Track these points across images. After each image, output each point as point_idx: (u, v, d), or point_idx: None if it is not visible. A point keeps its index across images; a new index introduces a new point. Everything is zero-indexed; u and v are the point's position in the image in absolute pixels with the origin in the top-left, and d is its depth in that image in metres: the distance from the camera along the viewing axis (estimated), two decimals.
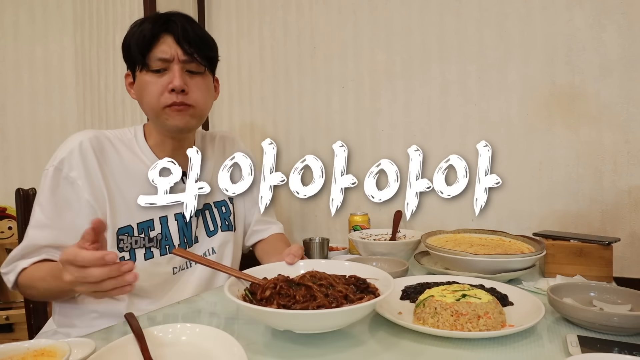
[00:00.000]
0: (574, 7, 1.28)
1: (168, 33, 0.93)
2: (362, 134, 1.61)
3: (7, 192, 1.45)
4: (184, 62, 0.94)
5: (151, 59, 0.92)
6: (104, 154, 0.95)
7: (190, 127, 1.00)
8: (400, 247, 1.22)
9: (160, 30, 0.92)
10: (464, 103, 1.44)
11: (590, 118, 1.28)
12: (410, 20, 1.51)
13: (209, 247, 1.10)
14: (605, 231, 1.26)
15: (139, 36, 0.92)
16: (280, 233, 1.27)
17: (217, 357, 0.58)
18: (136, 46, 0.92)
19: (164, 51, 0.92)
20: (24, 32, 2.04)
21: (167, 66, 0.93)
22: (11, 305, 1.83)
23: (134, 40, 0.93)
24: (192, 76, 0.96)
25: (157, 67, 0.92)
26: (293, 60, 1.73)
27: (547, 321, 0.73)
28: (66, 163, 0.90)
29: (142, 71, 0.94)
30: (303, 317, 0.62)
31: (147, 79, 0.94)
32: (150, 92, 0.94)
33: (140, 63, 0.93)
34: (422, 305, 0.72)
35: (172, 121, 0.95)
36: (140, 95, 0.97)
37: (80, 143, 0.91)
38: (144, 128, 1.05)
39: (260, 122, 1.82)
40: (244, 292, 0.73)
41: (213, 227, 1.11)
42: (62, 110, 2.08)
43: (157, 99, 0.94)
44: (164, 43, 0.92)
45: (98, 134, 0.96)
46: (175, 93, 0.93)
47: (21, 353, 0.56)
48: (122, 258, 0.95)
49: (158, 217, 1.01)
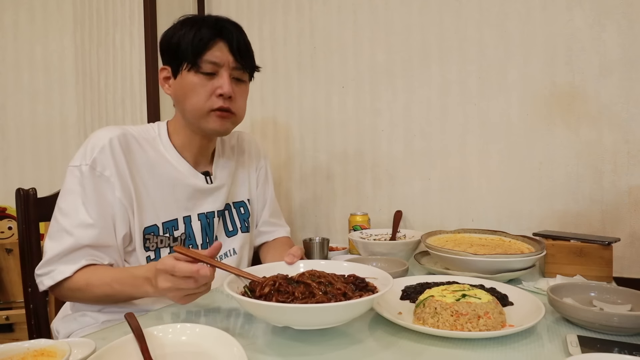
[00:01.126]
0: (574, 7, 1.28)
1: (223, 39, 0.95)
2: (362, 133, 1.61)
3: (7, 192, 1.45)
4: (233, 69, 0.96)
5: (203, 61, 0.93)
6: (130, 152, 0.93)
7: (228, 132, 1.02)
8: (400, 247, 1.22)
9: (216, 35, 0.94)
10: (464, 103, 1.44)
11: (590, 118, 1.28)
12: (410, 20, 1.51)
13: (230, 248, 1.10)
14: (605, 231, 1.26)
15: (195, 37, 0.93)
16: (286, 237, 1.27)
17: (217, 357, 0.58)
18: (189, 45, 0.92)
19: (217, 56, 0.94)
20: (24, 32, 2.04)
21: (217, 70, 0.94)
22: (11, 305, 1.84)
23: (186, 39, 0.93)
24: (238, 84, 0.99)
25: (208, 70, 0.93)
26: (293, 60, 1.73)
27: (547, 321, 0.74)
28: (99, 162, 0.89)
29: (190, 71, 0.94)
30: (303, 312, 0.62)
31: (194, 80, 0.94)
32: (197, 93, 0.94)
33: (191, 63, 0.93)
34: (422, 305, 0.72)
35: (213, 125, 0.96)
36: (183, 93, 0.96)
37: (110, 140, 0.90)
38: (168, 126, 1.03)
39: (260, 122, 1.82)
40: (243, 289, 0.74)
41: (232, 228, 1.12)
42: (62, 110, 2.08)
43: (204, 101, 0.94)
44: (218, 49, 0.94)
45: (124, 131, 0.94)
46: (223, 98, 0.94)
47: (21, 353, 0.55)
48: (148, 257, 0.96)
49: (182, 217, 1.01)
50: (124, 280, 0.83)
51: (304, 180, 1.74)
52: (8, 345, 0.56)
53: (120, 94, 1.88)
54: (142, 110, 1.77)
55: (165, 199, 0.97)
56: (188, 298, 0.74)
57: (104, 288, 0.85)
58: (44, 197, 1.09)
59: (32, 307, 1.08)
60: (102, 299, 0.88)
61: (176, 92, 0.98)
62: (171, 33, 0.97)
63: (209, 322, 0.76)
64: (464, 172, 1.45)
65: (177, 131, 1.02)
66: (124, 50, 1.84)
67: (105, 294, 0.85)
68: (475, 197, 1.44)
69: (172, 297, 0.74)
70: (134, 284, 0.81)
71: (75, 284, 0.86)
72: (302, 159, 1.73)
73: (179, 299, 0.74)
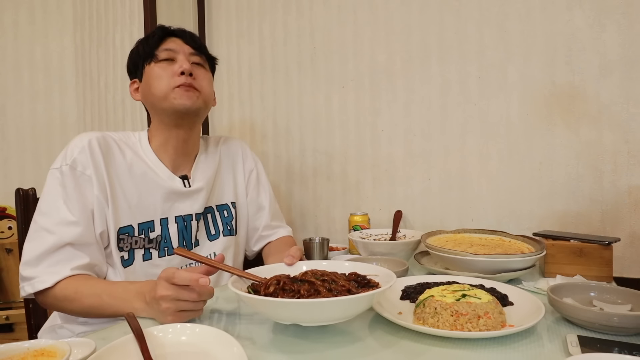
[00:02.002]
0: (574, 7, 1.28)
1: (175, 36, 1.04)
2: (362, 133, 1.61)
3: (7, 192, 1.45)
4: (190, 55, 1.02)
5: (160, 50, 1.00)
6: (109, 153, 0.96)
7: (197, 107, 1.01)
8: (400, 247, 1.22)
9: (167, 34, 1.03)
10: (464, 103, 1.44)
11: (590, 118, 1.28)
12: (410, 19, 1.51)
13: (211, 252, 1.10)
14: (605, 231, 1.26)
15: (148, 39, 1.02)
16: (287, 236, 1.27)
17: (217, 357, 0.58)
18: (144, 46, 1.01)
19: (172, 46, 1.02)
20: (24, 32, 2.04)
21: (175, 57, 1.01)
22: (11, 305, 1.84)
23: (142, 44, 1.03)
24: (198, 67, 1.04)
25: (165, 56, 1.00)
26: (293, 60, 1.73)
27: (547, 321, 0.73)
28: (79, 162, 0.91)
29: (150, 64, 1.00)
30: (312, 307, 0.62)
31: (155, 69, 1.00)
32: (160, 77, 0.99)
33: (149, 56, 1.00)
34: (422, 305, 0.72)
35: (180, 100, 0.98)
36: (148, 86, 1.01)
37: (89, 142, 0.93)
38: (148, 133, 1.06)
39: (260, 122, 1.82)
40: (246, 289, 0.74)
41: (214, 231, 1.12)
42: (62, 110, 2.08)
43: (167, 83, 0.99)
44: (172, 41, 1.03)
45: (104, 135, 0.98)
46: (185, 77, 0.99)
47: (21, 353, 0.55)
48: (122, 258, 0.95)
49: (159, 219, 1.01)
50: (115, 293, 0.82)
51: (304, 180, 1.74)
52: (8, 345, 0.56)
53: (120, 94, 1.88)
54: (142, 111, 1.77)
55: (142, 200, 0.98)
56: (181, 314, 0.72)
57: (92, 299, 0.83)
58: None
59: (32, 307, 1.08)
60: (87, 310, 0.85)
61: (144, 89, 1.03)
62: (132, 51, 1.06)
63: (209, 322, 0.76)
64: (464, 172, 1.45)
65: (155, 134, 1.04)
66: (124, 50, 1.84)
67: (92, 305, 0.83)
68: (475, 197, 1.44)
69: (166, 309, 0.71)
70: (125, 297, 0.80)
71: (62, 292, 0.84)
72: (302, 158, 1.73)
73: (172, 312, 0.71)
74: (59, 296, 0.85)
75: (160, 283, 0.73)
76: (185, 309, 0.72)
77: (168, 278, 0.72)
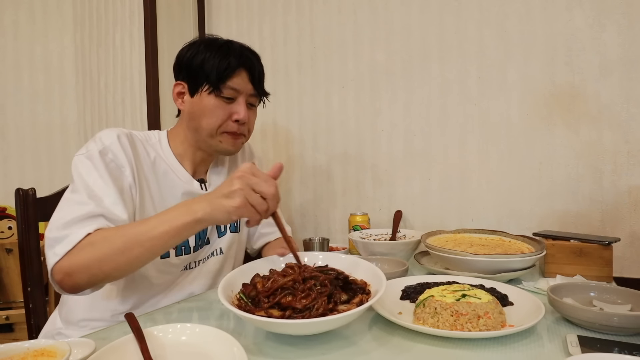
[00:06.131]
0: (574, 7, 1.28)
1: (245, 69, 1.00)
2: (362, 133, 1.61)
3: (7, 192, 1.45)
4: (249, 96, 1.02)
5: (226, 87, 0.97)
6: (135, 148, 0.96)
7: (238, 149, 1.06)
8: (400, 247, 1.22)
9: (240, 65, 0.99)
10: (464, 103, 1.44)
11: (590, 118, 1.28)
12: (410, 20, 1.51)
13: (217, 248, 1.11)
14: (605, 231, 1.26)
15: (221, 63, 0.97)
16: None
17: (217, 357, 0.58)
18: (214, 70, 0.96)
19: (239, 84, 0.99)
20: (24, 32, 2.04)
21: (236, 97, 0.99)
22: (11, 305, 1.84)
23: (211, 63, 0.97)
24: (251, 108, 1.05)
25: (228, 95, 0.98)
26: (293, 60, 1.73)
27: (547, 321, 0.74)
28: (110, 150, 0.90)
29: (211, 94, 0.98)
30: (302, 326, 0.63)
31: (214, 103, 0.98)
32: (215, 115, 0.98)
33: (213, 86, 0.97)
34: (422, 305, 0.72)
35: (226, 146, 1.01)
36: (200, 113, 0.99)
37: (118, 136, 0.93)
38: (168, 134, 1.06)
39: (260, 122, 1.82)
40: (238, 294, 0.73)
41: (223, 229, 1.12)
42: (62, 110, 2.08)
43: (219, 123, 0.98)
44: (240, 77, 0.99)
45: (130, 131, 0.98)
46: (238, 124, 1.00)
47: (21, 353, 0.55)
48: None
49: None
50: (162, 214, 0.78)
51: (304, 180, 1.74)
52: (8, 345, 0.56)
53: (120, 94, 1.88)
54: (142, 111, 1.77)
55: (164, 198, 0.99)
56: (247, 205, 0.73)
57: (136, 228, 0.78)
58: (44, 197, 1.09)
59: (31, 307, 1.08)
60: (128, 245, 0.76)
61: (192, 110, 1.00)
62: (193, 53, 1.00)
63: (209, 322, 0.76)
64: (464, 172, 1.45)
65: (178, 141, 1.04)
66: (124, 50, 1.84)
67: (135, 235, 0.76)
68: (475, 197, 1.44)
69: (239, 190, 0.72)
70: (177, 209, 0.77)
71: (95, 237, 0.78)
72: (302, 158, 1.73)
73: (243, 195, 0.72)
74: (93, 240, 0.78)
75: (238, 175, 0.74)
76: (253, 202, 0.73)
77: (245, 170, 0.74)
